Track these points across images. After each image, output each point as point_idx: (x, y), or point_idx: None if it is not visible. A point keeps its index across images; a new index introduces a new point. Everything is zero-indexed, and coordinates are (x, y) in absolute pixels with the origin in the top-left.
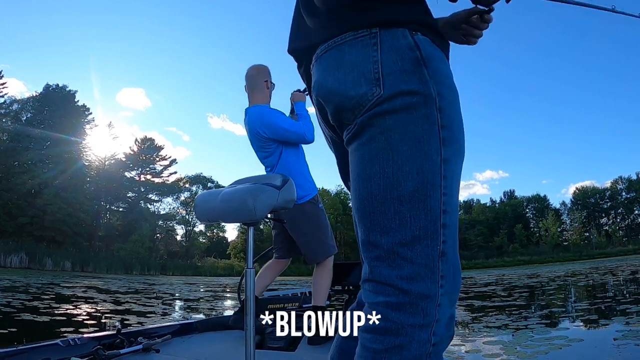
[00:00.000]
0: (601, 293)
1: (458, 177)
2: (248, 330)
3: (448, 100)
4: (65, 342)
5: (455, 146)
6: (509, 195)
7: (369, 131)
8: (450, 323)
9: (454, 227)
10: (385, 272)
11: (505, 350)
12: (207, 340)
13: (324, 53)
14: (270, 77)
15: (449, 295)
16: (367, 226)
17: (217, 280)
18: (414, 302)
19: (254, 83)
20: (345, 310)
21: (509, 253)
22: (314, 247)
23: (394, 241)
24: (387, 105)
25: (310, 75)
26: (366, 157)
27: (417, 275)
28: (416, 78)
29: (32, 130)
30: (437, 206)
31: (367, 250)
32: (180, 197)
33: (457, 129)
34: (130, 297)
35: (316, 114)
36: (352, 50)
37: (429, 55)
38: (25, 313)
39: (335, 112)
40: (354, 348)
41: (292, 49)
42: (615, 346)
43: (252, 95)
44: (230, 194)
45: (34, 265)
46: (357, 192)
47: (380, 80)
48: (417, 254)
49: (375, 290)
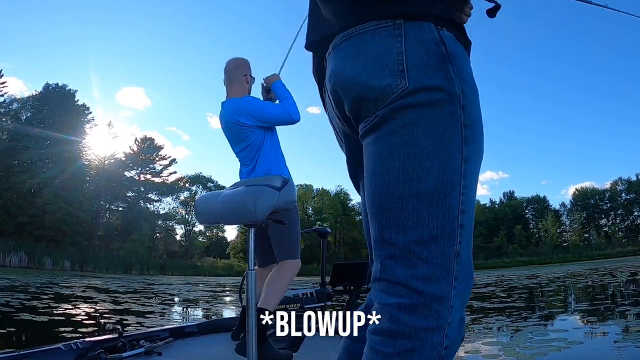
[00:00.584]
0: (601, 294)
1: (476, 177)
2: (249, 331)
3: (471, 99)
4: (67, 346)
5: (476, 146)
6: (508, 196)
7: (390, 124)
8: (461, 325)
9: (470, 228)
10: (400, 271)
11: (504, 352)
12: (209, 342)
13: (343, 41)
14: (250, 71)
15: (461, 297)
16: (382, 223)
17: (216, 280)
18: (427, 304)
19: (233, 77)
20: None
21: (508, 254)
22: (286, 245)
23: (410, 239)
24: (411, 99)
25: (323, 67)
26: (385, 151)
27: (432, 276)
28: (441, 74)
29: (32, 130)
30: (456, 205)
31: (380, 248)
32: (180, 197)
33: (478, 128)
34: (129, 296)
35: (329, 105)
36: (375, 40)
37: (454, 51)
38: (24, 313)
39: (355, 103)
40: (361, 351)
41: (309, 43)
42: (615, 348)
43: (231, 89)
44: (230, 196)
45: (34, 264)
46: (373, 186)
47: (405, 73)
48: (434, 253)
49: (387, 290)
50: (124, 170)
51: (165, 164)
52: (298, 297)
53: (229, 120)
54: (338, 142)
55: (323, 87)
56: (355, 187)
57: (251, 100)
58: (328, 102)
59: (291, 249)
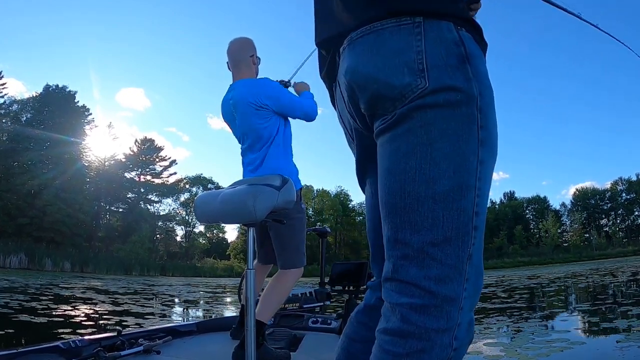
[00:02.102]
0: (602, 294)
1: (490, 179)
2: (248, 331)
3: (487, 101)
4: (66, 344)
5: (491, 148)
6: (509, 196)
7: (408, 123)
8: (470, 327)
9: (483, 230)
10: (413, 272)
11: (506, 353)
12: (208, 341)
13: (360, 37)
14: (255, 51)
15: (471, 298)
16: (396, 223)
17: (216, 281)
18: (439, 305)
19: (239, 58)
20: (346, 311)
21: (508, 254)
22: (289, 254)
23: (424, 240)
24: (430, 99)
25: (334, 63)
26: (402, 150)
27: (445, 277)
28: (461, 75)
29: (32, 131)
30: (470, 208)
31: (393, 248)
32: (180, 198)
33: (493, 131)
34: (128, 298)
35: (341, 101)
36: (394, 38)
37: (473, 53)
38: (23, 314)
39: (372, 100)
40: (360, 351)
41: (321, 40)
42: (617, 349)
43: (238, 72)
44: (230, 195)
45: (34, 265)
46: (388, 186)
47: (425, 72)
48: (447, 255)
49: (398, 290)
50: (124, 171)
51: (166, 165)
52: (297, 296)
53: (245, 100)
54: (347, 139)
55: (332, 83)
56: (360, 184)
57: (271, 82)
58: (340, 99)
59: (294, 258)
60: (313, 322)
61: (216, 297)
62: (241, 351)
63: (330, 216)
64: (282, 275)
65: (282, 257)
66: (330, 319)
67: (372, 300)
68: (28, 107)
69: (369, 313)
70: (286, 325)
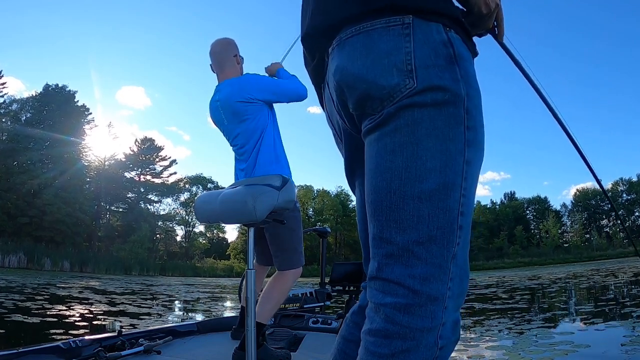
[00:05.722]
0: (604, 295)
1: (476, 180)
2: (248, 331)
3: (474, 102)
4: (66, 344)
5: (477, 149)
6: (509, 196)
7: (395, 122)
8: (455, 327)
9: (468, 230)
10: (398, 271)
11: (509, 356)
12: (208, 341)
13: (349, 37)
14: (238, 51)
15: (456, 298)
16: (382, 221)
17: (216, 281)
18: (423, 304)
19: (223, 59)
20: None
21: (509, 255)
22: (287, 255)
23: (409, 239)
24: (418, 98)
25: (320, 63)
26: (388, 149)
27: (430, 276)
28: (448, 75)
29: (32, 131)
30: (456, 207)
31: (378, 247)
32: (180, 198)
33: (480, 132)
34: (125, 298)
35: (331, 101)
36: (383, 39)
37: (461, 54)
38: (16, 314)
39: (360, 100)
40: (355, 351)
41: (305, 34)
42: (623, 352)
43: (223, 73)
44: (230, 195)
45: (33, 265)
46: (374, 184)
47: (413, 72)
48: (432, 254)
49: (383, 289)
50: (124, 171)
51: (166, 164)
52: (297, 296)
53: (232, 100)
54: (335, 140)
55: (320, 83)
56: (350, 186)
57: (255, 75)
58: (329, 99)
59: (291, 258)
60: (313, 322)
61: (216, 297)
62: (241, 351)
63: (331, 216)
64: (281, 275)
65: (280, 259)
66: (330, 319)
67: (367, 301)
68: (28, 107)
69: (364, 314)
70: (287, 325)
